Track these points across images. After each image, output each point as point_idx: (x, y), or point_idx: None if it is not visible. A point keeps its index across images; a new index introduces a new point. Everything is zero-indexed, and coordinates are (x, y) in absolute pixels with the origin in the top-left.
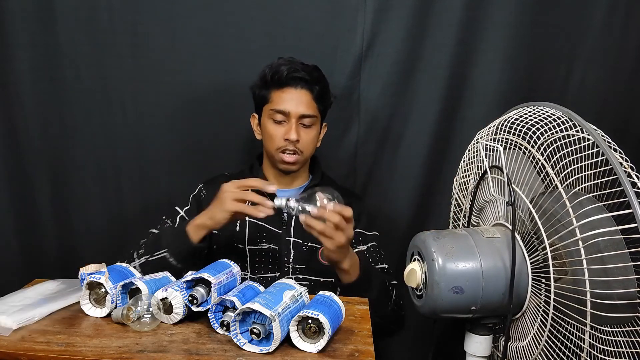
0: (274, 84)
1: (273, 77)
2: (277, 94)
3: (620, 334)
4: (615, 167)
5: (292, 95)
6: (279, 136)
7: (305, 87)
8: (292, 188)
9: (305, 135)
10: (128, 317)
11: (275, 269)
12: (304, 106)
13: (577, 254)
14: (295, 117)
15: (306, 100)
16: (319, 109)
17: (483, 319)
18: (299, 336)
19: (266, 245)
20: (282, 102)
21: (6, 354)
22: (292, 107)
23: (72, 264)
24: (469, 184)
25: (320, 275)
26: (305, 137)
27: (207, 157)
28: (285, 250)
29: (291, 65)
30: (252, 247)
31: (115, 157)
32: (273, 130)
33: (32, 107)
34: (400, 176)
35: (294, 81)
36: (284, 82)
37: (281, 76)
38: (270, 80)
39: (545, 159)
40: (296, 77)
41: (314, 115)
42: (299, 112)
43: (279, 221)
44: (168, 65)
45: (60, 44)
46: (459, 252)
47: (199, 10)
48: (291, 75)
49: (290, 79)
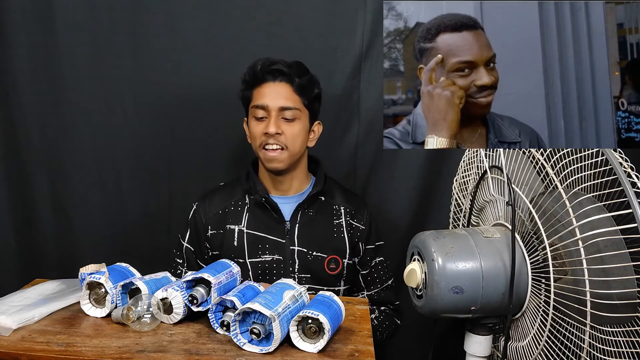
0: (253, 82)
1: (250, 75)
2: (257, 91)
3: (620, 334)
4: (615, 167)
5: (271, 90)
6: (259, 132)
7: (283, 79)
8: (292, 195)
9: (288, 129)
10: (128, 317)
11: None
12: (283, 99)
13: (577, 254)
14: (275, 110)
15: (285, 92)
16: (302, 102)
17: (483, 319)
18: (299, 336)
19: (269, 257)
20: (261, 97)
21: (6, 354)
22: (271, 101)
23: (71, 264)
24: (469, 184)
25: (325, 285)
26: (289, 131)
27: (207, 157)
28: (289, 260)
29: (267, 60)
30: (253, 260)
31: (115, 157)
32: (254, 127)
33: (32, 107)
34: (400, 176)
35: (271, 75)
36: (260, 78)
37: (256, 72)
38: (249, 79)
39: (545, 159)
40: (272, 69)
41: (295, 108)
42: (278, 104)
43: (281, 230)
44: (168, 65)
45: (60, 44)
46: (459, 252)
47: (199, 10)
48: (266, 69)
49: (266, 73)
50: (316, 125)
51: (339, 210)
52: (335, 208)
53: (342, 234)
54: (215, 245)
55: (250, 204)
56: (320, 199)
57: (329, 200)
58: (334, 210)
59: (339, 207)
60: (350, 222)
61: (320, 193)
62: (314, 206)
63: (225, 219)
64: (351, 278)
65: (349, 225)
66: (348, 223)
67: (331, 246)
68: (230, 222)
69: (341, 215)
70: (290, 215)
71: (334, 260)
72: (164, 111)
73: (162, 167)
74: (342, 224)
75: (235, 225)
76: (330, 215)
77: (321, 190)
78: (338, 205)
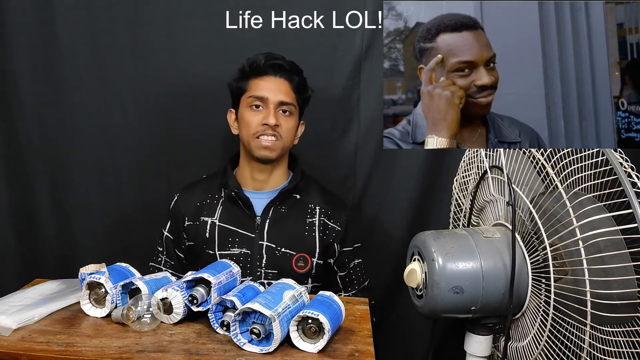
0: (252, 73)
1: (252, 66)
2: (256, 82)
3: (620, 334)
4: (615, 167)
5: (271, 84)
6: (256, 122)
7: (284, 75)
8: (267, 190)
9: (284, 122)
10: (128, 317)
11: (246, 273)
12: (283, 94)
13: (577, 254)
14: (274, 103)
15: (285, 88)
16: (297, 100)
17: (483, 319)
18: (299, 336)
19: (237, 250)
20: (261, 88)
21: (6, 354)
22: (271, 94)
23: (71, 264)
24: (469, 184)
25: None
26: (285, 125)
27: (207, 157)
28: (257, 254)
29: (270, 54)
30: (222, 252)
31: (115, 157)
32: (250, 116)
33: (32, 107)
34: (400, 176)
35: (273, 69)
36: (262, 70)
37: (259, 64)
38: (249, 70)
39: (545, 159)
40: (275, 64)
41: (292, 104)
42: (278, 98)
43: (252, 225)
44: (168, 66)
45: (60, 44)
46: (459, 252)
47: (198, 10)
48: (269, 63)
49: (268, 67)
50: (301, 125)
51: (313, 209)
52: (311, 207)
53: (313, 232)
54: (191, 236)
55: (224, 198)
56: (294, 197)
57: (304, 198)
58: (309, 208)
59: (314, 206)
60: (325, 222)
61: (295, 190)
62: (287, 203)
63: (201, 211)
64: (322, 277)
65: (322, 225)
66: (322, 222)
67: (301, 244)
68: (205, 214)
69: (315, 215)
70: (262, 211)
71: (303, 258)
72: (163, 111)
73: (162, 167)
74: (315, 222)
75: (209, 217)
76: (303, 213)
77: (295, 187)
78: (314, 204)
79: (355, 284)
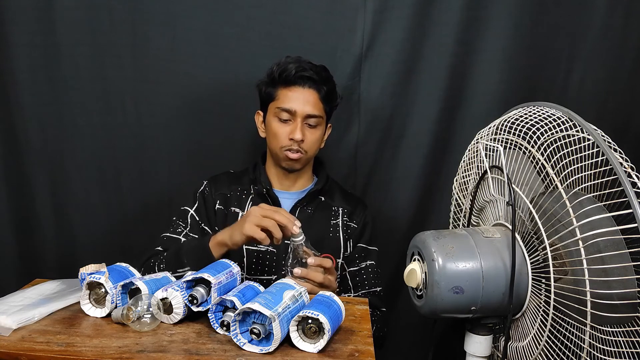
0: (281, 82)
1: (281, 74)
2: (284, 92)
3: (620, 334)
4: (615, 167)
5: (299, 95)
6: (284, 135)
7: (313, 86)
8: (294, 191)
9: (310, 135)
10: (128, 317)
11: (272, 271)
12: (311, 106)
13: (577, 254)
14: (302, 116)
15: (313, 100)
16: (325, 109)
17: (483, 319)
18: (299, 336)
19: (264, 247)
20: (289, 100)
21: (6, 354)
22: (299, 107)
23: (71, 264)
24: (469, 184)
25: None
26: (310, 137)
27: (207, 158)
28: (283, 253)
29: (300, 64)
30: (249, 248)
31: (115, 157)
32: (278, 128)
33: (32, 107)
34: (400, 176)
35: (302, 80)
36: (291, 81)
37: (289, 74)
38: (277, 78)
39: (545, 159)
40: (304, 76)
41: (319, 116)
42: (306, 111)
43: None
44: (168, 65)
45: (60, 44)
46: (459, 252)
47: (199, 10)
48: (299, 74)
49: (298, 78)
50: (328, 129)
51: (337, 212)
52: (334, 209)
53: (337, 233)
54: (219, 221)
55: (254, 194)
56: (320, 199)
57: (328, 201)
58: (332, 211)
59: (337, 208)
60: (347, 222)
61: (321, 193)
62: (313, 204)
63: (231, 201)
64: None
65: (345, 225)
66: (344, 223)
67: (326, 245)
68: (235, 205)
69: (339, 216)
70: (289, 211)
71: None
72: (163, 111)
73: (162, 167)
74: (339, 224)
75: (239, 209)
76: (327, 214)
77: (321, 189)
78: (337, 206)
79: (366, 285)
